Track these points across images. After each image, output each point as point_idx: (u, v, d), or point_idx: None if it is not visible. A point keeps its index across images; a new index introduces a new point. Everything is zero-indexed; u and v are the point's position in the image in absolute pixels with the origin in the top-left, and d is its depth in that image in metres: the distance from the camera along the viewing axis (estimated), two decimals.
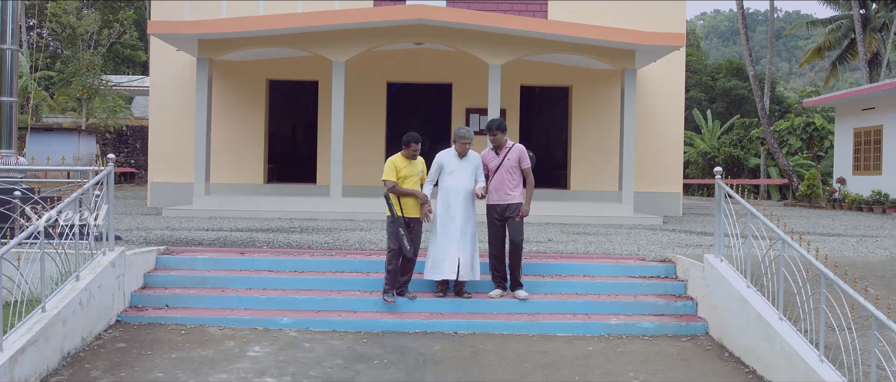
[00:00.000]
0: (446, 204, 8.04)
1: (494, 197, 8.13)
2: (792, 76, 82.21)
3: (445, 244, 7.98)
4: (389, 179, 7.94)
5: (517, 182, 8.09)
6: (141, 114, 34.81)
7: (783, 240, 6.67)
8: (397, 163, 8.02)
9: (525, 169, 8.14)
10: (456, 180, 8.05)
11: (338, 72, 15.08)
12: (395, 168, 7.99)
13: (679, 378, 6.61)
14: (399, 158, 8.05)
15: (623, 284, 8.74)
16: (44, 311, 6.32)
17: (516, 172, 8.10)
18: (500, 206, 8.09)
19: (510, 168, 8.07)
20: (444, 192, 8.08)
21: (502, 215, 8.09)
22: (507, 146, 8.16)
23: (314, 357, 6.86)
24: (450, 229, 7.99)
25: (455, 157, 8.10)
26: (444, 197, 8.07)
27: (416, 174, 8.06)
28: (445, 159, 8.11)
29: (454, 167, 8.07)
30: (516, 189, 8.07)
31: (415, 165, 8.10)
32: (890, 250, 10.61)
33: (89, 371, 6.33)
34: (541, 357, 7.03)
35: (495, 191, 8.11)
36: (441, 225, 8.03)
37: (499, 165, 8.10)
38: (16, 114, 9.47)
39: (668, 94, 18.69)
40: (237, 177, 18.02)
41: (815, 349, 5.95)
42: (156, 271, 8.68)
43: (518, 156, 8.11)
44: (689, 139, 39.26)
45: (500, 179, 8.08)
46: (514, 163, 8.09)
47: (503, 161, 8.09)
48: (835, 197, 23.34)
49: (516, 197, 8.06)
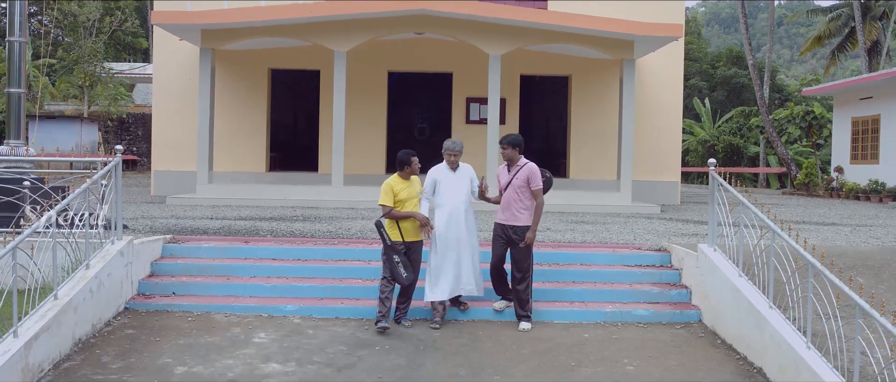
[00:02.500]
0: (445, 222, 7.69)
1: (502, 216, 7.78)
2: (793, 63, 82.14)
3: (446, 263, 7.66)
4: (385, 204, 7.56)
5: (527, 204, 7.68)
6: (142, 102, 34.95)
7: (773, 231, 6.86)
8: (394, 185, 7.62)
9: (534, 190, 7.67)
10: (452, 196, 7.74)
11: (339, 63, 15.24)
12: (391, 191, 7.58)
13: (672, 364, 6.82)
14: (396, 180, 7.68)
15: (619, 273, 8.94)
16: (56, 299, 6.52)
17: (525, 193, 7.67)
18: (507, 226, 7.71)
19: (519, 187, 7.66)
20: (442, 210, 7.74)
21: (508, 235, 7.70)
22: (520, 164, 7.76)
23: (318, 344, 7.07)
24: (450, 247, 7.66)
25: (447, 171, 7.82)
26: (443, 214, 7.72)
27: (415, 195, 7.70)
28: (439, 175, 7.81)
29: (448, 182, 7.78)
30: (525, 211, 7.66)
31: (413, 185, 7.74)
32: (882, 240, 10.80)
33: (100, 357, 6.53)
34: (537, 343, 7.24)
35: (504, 209, 7.77)
36: (441, 244, 7.68)
37: (509, 183, 7.73)
38: (24, 105, 9.64)
39: (667, 84, 18.84)
40: (239, 166, 18.19)
41: (802, 336, 6.16)
42: (162, 259, 8.88)
43: (527, 176, 7.67)
44: (688, 127, 39.40)
45: (509, 198, 7.72)
46: (523, 182, 7.65)
47: (513, 179, 7.70)
48: (832, 185, 23.52)
49: (524, 219, 7.65)
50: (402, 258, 7.50)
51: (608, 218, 13.63)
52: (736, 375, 6.58)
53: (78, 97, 30.35)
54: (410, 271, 7.54)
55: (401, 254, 7.50)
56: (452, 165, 7.82)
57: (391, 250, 7.48)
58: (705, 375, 6.58)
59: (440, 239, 7.69)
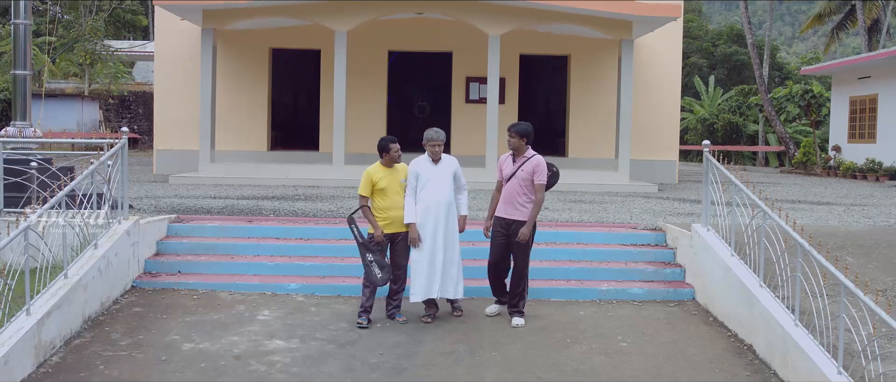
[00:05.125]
0: (427, 219, 7.20)
1: (502, 209, 7.35)
2: (795, 40, 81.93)
3: (430, 262, 7.19)
4: (363, 194, 7.20)
5: (531, 198, 7.26)
6: (143, 80, 35.00)
7: (764, 211, 7.04)
8: (373, 174, 7.20)
9: (537, 184, 7.25)
10: (434, 191, 7.21)
11: (340, 42, 15.34)
12: (370, 181, 7.18)
13: (665, 341, 7.02)
14: (377, 168, 7.25)
15: (615, 251, 9.14)
16: (66, 278, 6.71)
17: (530, 186, 7.25)
18: (507, 220, 7.31)
19: (523, 180, 7.24)
20: (424, 205, 7.21)
21: (507, 230, 7.31)
22: (527, 155, 7.33)
23: (320, 321, 7.27)
24: (434, 246, 7.19)
25: (429, 164, 7.31)
26: (425, 210, 7.21)
27: (397, 183, 7.23)
28: (420, 168, 7.28)
29: (429, 175, 7.26)
30: (527, 205, 7.26)
31: (396, 173, 7.28)
32: (874, 219, 10.98)
33: (110, 334, 6.74)
34: (534, 320, 7.44)
35: (504, 202, 7.34)
36: (424, 243, 7.21)
37: (512, 174, 7.30)
38: (29, 87, 9.78)
39: (666, 64, 18.93)
40: (241, 145, 18.33)
41: (791, 314, 6.35)
42: (168, 238, 9.07)
43: (532, 169, 7.25)
44: (688, 105, 39.44)
45: (512, 190, 7.29)
46: (528, 175, 7.23)
47: (517, 171, 7.27)
48: (830, 164, 23.68)
49: (525, 213, 7.25)
50: (377, 257, 7.11)
51: (606, 197, 13.81)
52: (726, 352, 6.78)
53: (78, 75, 30.42)
54: (387, 270, 7.14)
55: (375, 253, 7.12)
56: (435, 157, 7.32)
57: (363, 249, 7.13)
58: (697, 351, 6.78)
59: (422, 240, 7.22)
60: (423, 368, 6.19)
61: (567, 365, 6.32)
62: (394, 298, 7.41)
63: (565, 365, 6.33)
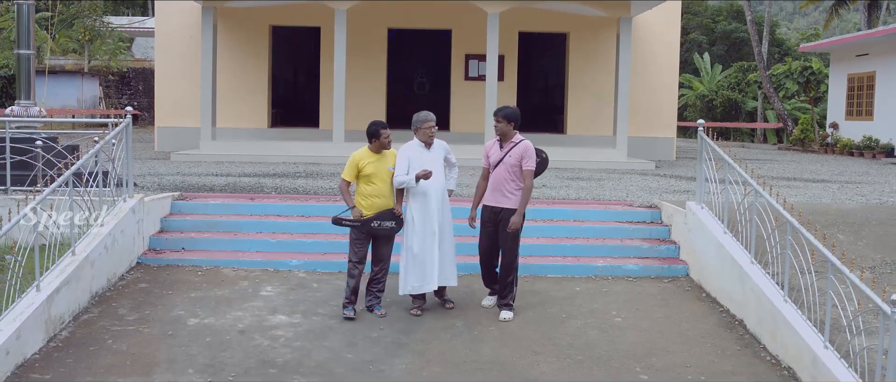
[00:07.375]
0: (419, 207, 6.94)
1: (490, 197, 7.08)
2: (795, 16, 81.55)
3: (423, 252, 6.91)
4: (344, 178, 7.00)
5: (519, 185, 6.97)
6: (142, 56, 35.00)
7: (755, 189, 7.19)
8: (360, 160, 6.91)
9: (525, 171, 6.93)
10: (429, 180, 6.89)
11: (339, 19, 15.39)
12: (355, 166, 6.90)
13: (658, 316, 7.20)
14: (364, 153, 6.95)
15: (610, 228, 9.30)
16: (74, 254, 6.87)
17: (518, 173, 6.96)
18: (495, 209, 7.04)
19: (511, 166, 6.94)
20: (415, 192, 6.96)
21: (496, 218, 7.04)
22: (514, 140, 7.03)
23: (322, 297, 7.45)
24: (426, 235, 6.92)
25: (421, 149, 6.98)
26: (416, 198, 6.96)
27: (384, 171, 6.89)
28: (412, 153, 6.93)
29: (422, 161, 6.90)
30: (516, 192, 6.97)
31: (384, 160, 6.95)
32: (867, 197, 11.12)
33: (117, 310, 6.91)
34: (531, 296, 7.61)
35: (492, 189, 7.05)
36: (416, 232, 6.94)
37: (500, 160, 6.99)
38: (33, 66, 9.89)
39: (664, 42, 18.99)
40: (242, 122, 18.44)
41: (780, 290, 6.52)
42: (171, 216, 9.23)
43: (521, 155, 6.94)
44: (687, 82, 39.46)
45: (499, 177, 6.99)
46: (516, 161, 6.93)
47: (505, 157, 6.97)
48: (827, 141, 23.79)
49: (514, 201, 6.95)
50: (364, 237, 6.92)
51: (603, 174, 13.95)
52: (718, 326, 6.96)
53: (77, 51, 30.41)
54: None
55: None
56: (430, 141, 6.99)
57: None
58: (689, 326, 6.96)
59: (414, 228, 6.96)
60: (423, 342, 6.37)
61: (562, 340, 6.51)
62: (374, 285, 7.09)
63: (560, 340, 6.51)
